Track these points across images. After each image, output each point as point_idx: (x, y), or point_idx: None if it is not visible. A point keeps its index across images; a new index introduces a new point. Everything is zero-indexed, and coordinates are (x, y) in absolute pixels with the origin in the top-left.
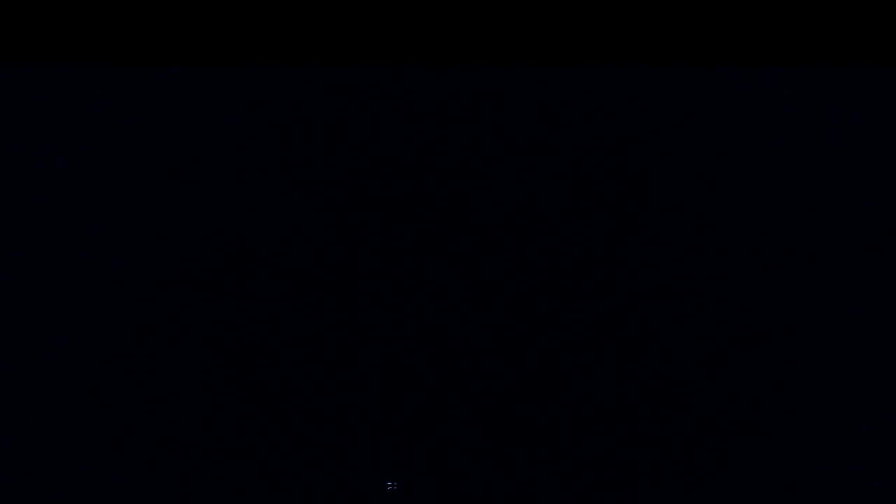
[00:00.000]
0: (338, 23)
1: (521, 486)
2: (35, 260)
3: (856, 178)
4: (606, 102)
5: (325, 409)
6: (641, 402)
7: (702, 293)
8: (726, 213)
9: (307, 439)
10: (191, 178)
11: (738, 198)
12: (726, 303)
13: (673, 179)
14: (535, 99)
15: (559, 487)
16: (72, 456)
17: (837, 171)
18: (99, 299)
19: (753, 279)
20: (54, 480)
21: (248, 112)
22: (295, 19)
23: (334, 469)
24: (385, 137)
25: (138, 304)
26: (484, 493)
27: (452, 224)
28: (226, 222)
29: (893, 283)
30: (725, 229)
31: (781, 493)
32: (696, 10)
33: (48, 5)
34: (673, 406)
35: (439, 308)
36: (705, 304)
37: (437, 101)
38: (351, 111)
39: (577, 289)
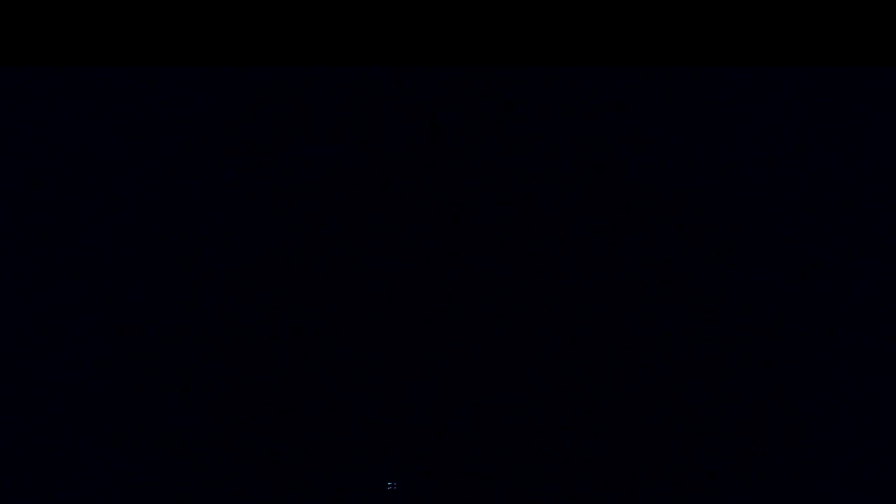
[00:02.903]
0: (338, 23)
1: (520, 486)
2: (35, 259)
3: (856, 178)
4: (606, 102)
5: (325, 409)
6: (640, 401)
7: (701, 292)
8: (726, 212)
9: (307, 439)
10: (190, 178)
11: (738, 196)
12: (726, 301)
13: (672, 179)
14: (535, 99)
15: (559, 487)
16: (71, 455)
17: (837, 170)
18: (99, 299)
19: (753, 277)
20: (54, 479)
21: (248, 112)
22: (295, 19)
23: (334, 469)
24: (385, 137)
25: (138, 304)
26: (484, 494)
27: (452, 224)
28: (226, 221)
29: (893, 283)
30: (725, 228)
31: (780, 491)
32: (696, 10)
33: (48, 5)
34: (672, 405)
35: (439, 308)
36: (705, 302)
37: (437, 101)
38: (351, 111)
39: (577, 288)
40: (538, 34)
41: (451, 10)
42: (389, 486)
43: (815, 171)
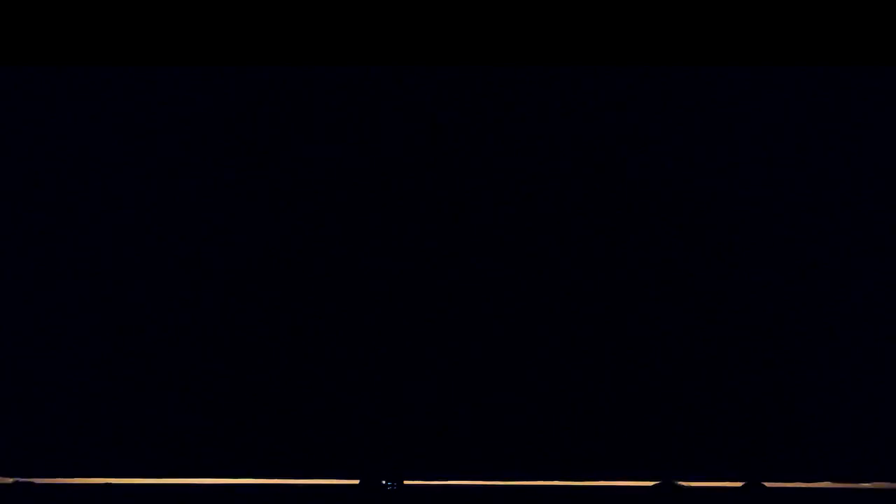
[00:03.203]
0: (338, 23)
1: (520, 486)
2: (35, 259)
3: (856, 178)
4: (606, 102)
5: (325, 409)
6: (640, 401)
7: (701, 292)
8: (726, 212)
9: (307, 439)
10: (190, 177)
11: (738, 196)
12: (726, 301)
13: (672, 178)
14: (535, 99)
15: (559, 486)
16: (71, 455)
17: (837, 170)
18: (99, 299)
19: (753, 277)
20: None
21: (248, 112)
22: (295, 19)
23: (334, 469)
24: (385, 137)
25: (138, 304)
26: (484, 493)
27: (452, 224)
28: (226, 221)
29: (893, 283)
30: (725, 228)
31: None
32: (696, 10)
33: (48, 5)
34: (672, 405)
35: (439, 307)
36: (705, 302)
37: (437, 101)
38: (351, 111)
39: (577, 288)
40: (538, 34)
41: (451, 10)
42: (389, 486)
43: (814, 170)
